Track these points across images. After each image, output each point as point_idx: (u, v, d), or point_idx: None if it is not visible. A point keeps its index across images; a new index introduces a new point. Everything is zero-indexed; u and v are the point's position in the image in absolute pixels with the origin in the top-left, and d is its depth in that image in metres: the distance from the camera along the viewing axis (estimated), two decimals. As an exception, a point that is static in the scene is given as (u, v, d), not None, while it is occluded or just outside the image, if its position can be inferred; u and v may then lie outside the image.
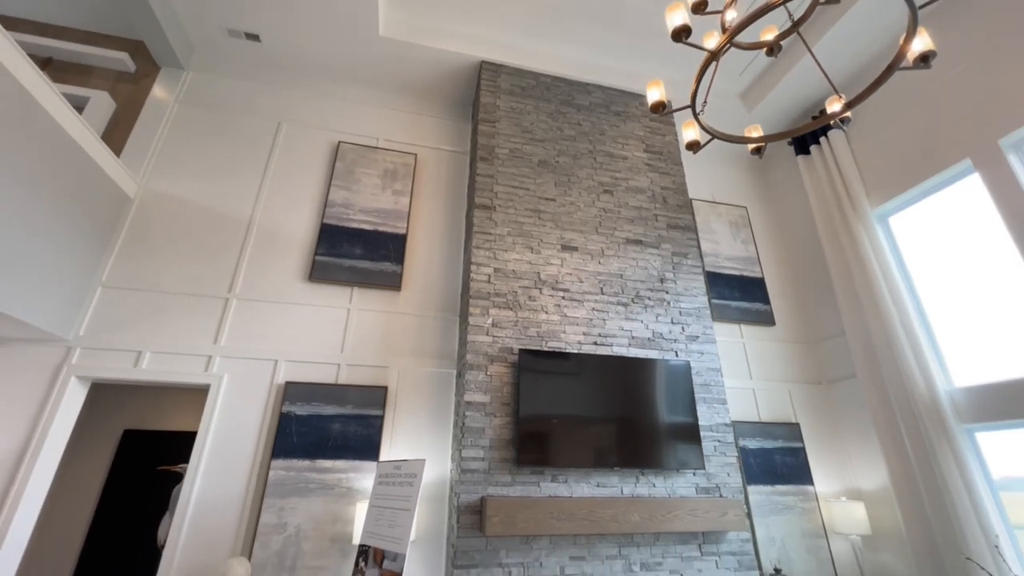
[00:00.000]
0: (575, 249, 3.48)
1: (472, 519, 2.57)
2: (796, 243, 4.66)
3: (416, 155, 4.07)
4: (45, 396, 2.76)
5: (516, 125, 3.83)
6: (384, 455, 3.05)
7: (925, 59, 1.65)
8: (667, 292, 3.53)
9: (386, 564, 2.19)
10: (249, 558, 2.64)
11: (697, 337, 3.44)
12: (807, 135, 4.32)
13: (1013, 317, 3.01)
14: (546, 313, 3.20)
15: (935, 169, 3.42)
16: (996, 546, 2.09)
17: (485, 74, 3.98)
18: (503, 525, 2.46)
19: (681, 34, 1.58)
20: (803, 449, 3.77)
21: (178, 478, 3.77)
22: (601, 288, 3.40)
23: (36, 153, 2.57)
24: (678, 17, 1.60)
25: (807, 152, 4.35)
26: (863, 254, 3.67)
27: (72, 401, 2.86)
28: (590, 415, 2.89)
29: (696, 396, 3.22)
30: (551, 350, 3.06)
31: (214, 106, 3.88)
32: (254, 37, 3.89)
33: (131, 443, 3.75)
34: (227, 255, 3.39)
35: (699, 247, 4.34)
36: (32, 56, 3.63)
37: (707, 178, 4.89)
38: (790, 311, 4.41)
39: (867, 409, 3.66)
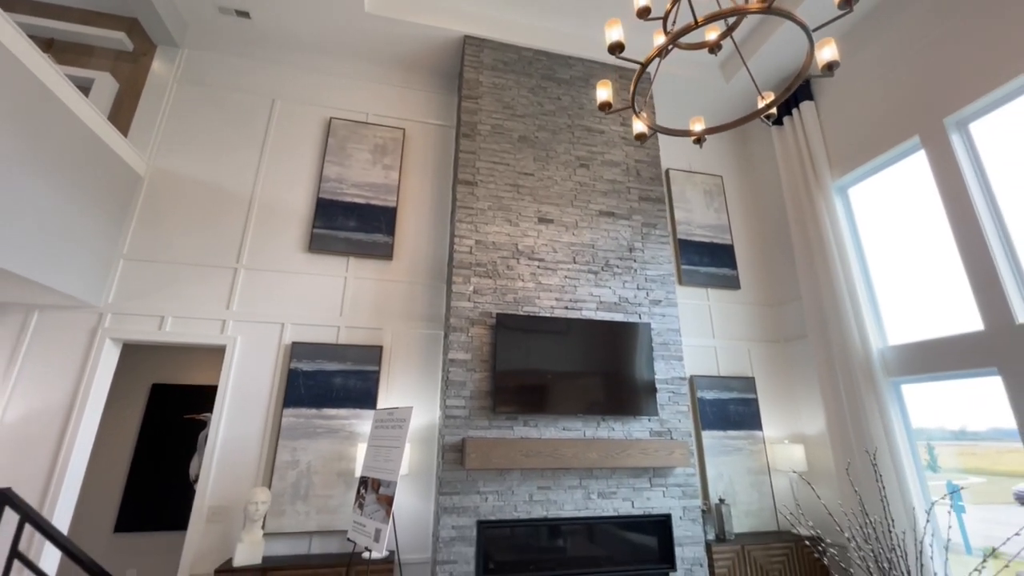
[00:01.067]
0: (551, 221, 3.79)
1: (455, 456, 3.05)
2: (766, 212, 4.93)
3: (404, 130, 4.29)
4: (85, 355, 3.19)
5: (498, 101, 4.03)
6: (381, 404, 3.51)
7: (831, 67, 1.90)
8: (635, 260, 3.86)
9: (381, 490, 2.68)
10: (269, 488, 3.15)
11: (660, 301, 3.80)
12: (780, 106, 4.49)
13: (941, 284, 3.36)
14: (522, 281, 3.56)
15: (889, 144, 3.65)
16: (873, 452, 2.50)
17: (468, 49, 4.13)
18: (480, 460, 2.93)
19: (615, 50, 1.83)
20: (756, 400, 4.23)
21: (202, 424, 4.28)
22: (574, 257, 3.73)
23: (55, 140, 2.85)
24: (614, 33, 1.84)
25: (780, 123, 4.54)
26: (821, 224, 3.96)
27: (108, 359, 3.29)
28: (558, 370, 3.31)
29: (655, 353, 3.63)
30: (525, 314, 3.44)
31: (211, 84, 4.08)
32: (244, 14, 4.02)
33: (159, 395, 4.23)
34: (233, 228, 3.72)
35: (672, 217, 4.64)
36: (34, 38, 3.81)
37: (686, 148, 5.08)
38: (755, 276, 4.75)
39: (814, 365, 4.07)
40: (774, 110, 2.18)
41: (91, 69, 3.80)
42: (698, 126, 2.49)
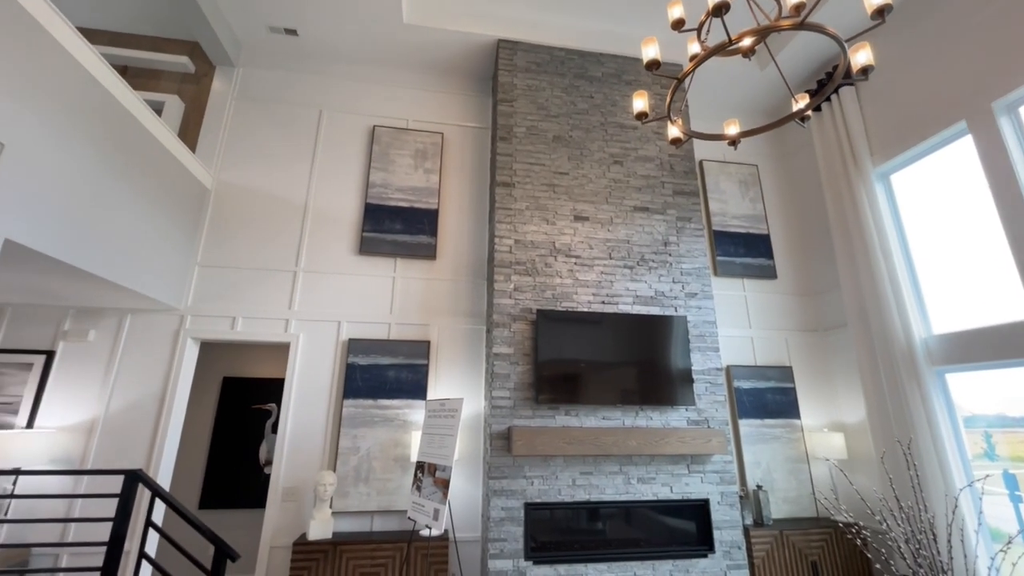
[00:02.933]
0: (586, 219, 3.92)
1: (502, 443, 3.28)
2: (803, 199, 4.87)
3: (443, 134, 4.49)
4: (171, 353, 3.58)
5: (532, 103, 4.16)
6: (431, 395, 3.78)
7: (865, 72, 1.96)
8: (670, 254, 3.95)
9: (437, 474, 2.93)
10: (334, 471, 3.47)
11: (696, 294, 3.89)
12: (816, 93, 4.42)
13: (988, 272, 3.30)
14: (560, 277, 3.72)
15: (934, 129, 3.57)
16: (906, 443, 2.56)
17: (503, 53, 4.26)
18: (525, 447, 3.15)
19: (652, 67, 1.94)
20: (794, 389, 4.26)
21: (268, 414, 4.69)
22: (609, 253, 3.86)
23: (138, 160, 3.19)
24: (651, 51, 1.95)
25: (818, 109, 4.47)
26: (861, 211, 3.93)
27: (190, 356, 3.68)
28: (597, 362, 3.47)
29: (691, 345, 3.73)
30: (564, 310, 3.61)
31: (264, 99, 4.39)
32: (292, 31, 4.29)
33: (230, 388, 4.67)
34: (290, 234, 4.03)
35: (706, 208, 4.68)
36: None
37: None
38: (792, 265, 4.74)
39: (854, 353, 4.07)
40: (809, 112, 2.24)
41: (161, 92, 4.16)
42: (732, 128, 2.57)
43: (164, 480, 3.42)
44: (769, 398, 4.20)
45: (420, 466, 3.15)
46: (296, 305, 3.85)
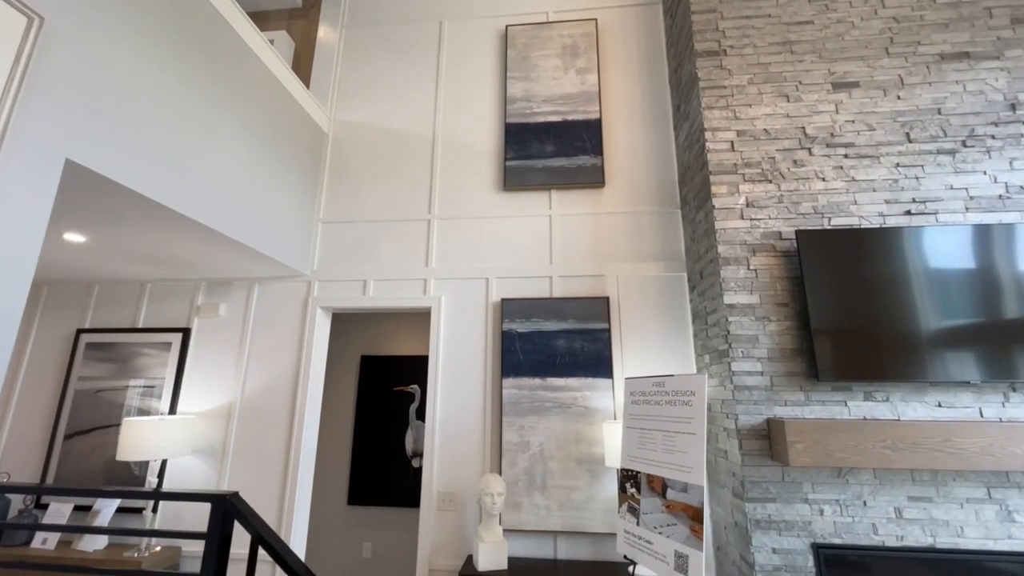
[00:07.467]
0: (855, 85, 2.42)
1: (758, 445, 2.05)
2: None
3: (596, 20, 3.30)
4: (301, 325, 3.01)
5: (737, -69, 2.74)
6: (617, 370, 2.68)
7: None
8: (1025, 122, 2.28)
9: (672, 494, 1.82)
10: (500, 474, 2.58)
11: (1093, 184, 2.17)
12: None
13: None
14: (823, 180, 2.31)
15: None
16: None
17: None
18: (811, 454, 1.88)
19: None
20: None
21: (411, 397, 4.06)
22: (907, 134, 2.33)
23: (252, 98, 2.56)
24: None
25: None
26: None
27: (321, 328, 3.08)
28: (918, 312, 2.03)
29: (1103, 274, 2.06)
30: (837, 228, 2.20)
31: (376, 21, 3.63)
32: (400, -74, 3.45)
33: (368, 367, 4.13)
34: (419, 175, 3.22)
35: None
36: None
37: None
38: None
39: None
40: None
41: (270, 32, 3.63)
42: None
43: (306, 472, 2.86)
44: None
45: (630, 476, 2.07)
46: (433, 261, 3.03)
